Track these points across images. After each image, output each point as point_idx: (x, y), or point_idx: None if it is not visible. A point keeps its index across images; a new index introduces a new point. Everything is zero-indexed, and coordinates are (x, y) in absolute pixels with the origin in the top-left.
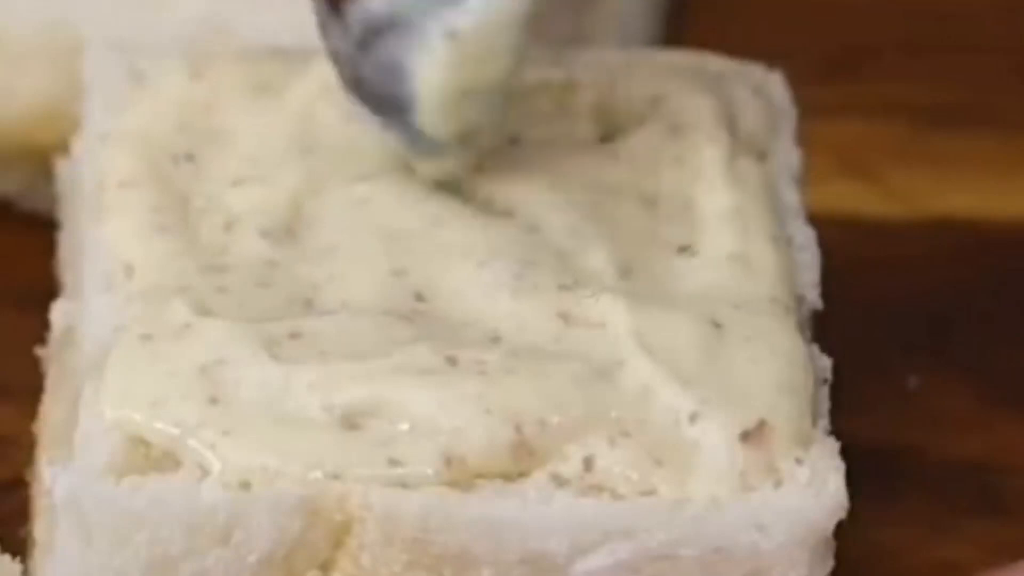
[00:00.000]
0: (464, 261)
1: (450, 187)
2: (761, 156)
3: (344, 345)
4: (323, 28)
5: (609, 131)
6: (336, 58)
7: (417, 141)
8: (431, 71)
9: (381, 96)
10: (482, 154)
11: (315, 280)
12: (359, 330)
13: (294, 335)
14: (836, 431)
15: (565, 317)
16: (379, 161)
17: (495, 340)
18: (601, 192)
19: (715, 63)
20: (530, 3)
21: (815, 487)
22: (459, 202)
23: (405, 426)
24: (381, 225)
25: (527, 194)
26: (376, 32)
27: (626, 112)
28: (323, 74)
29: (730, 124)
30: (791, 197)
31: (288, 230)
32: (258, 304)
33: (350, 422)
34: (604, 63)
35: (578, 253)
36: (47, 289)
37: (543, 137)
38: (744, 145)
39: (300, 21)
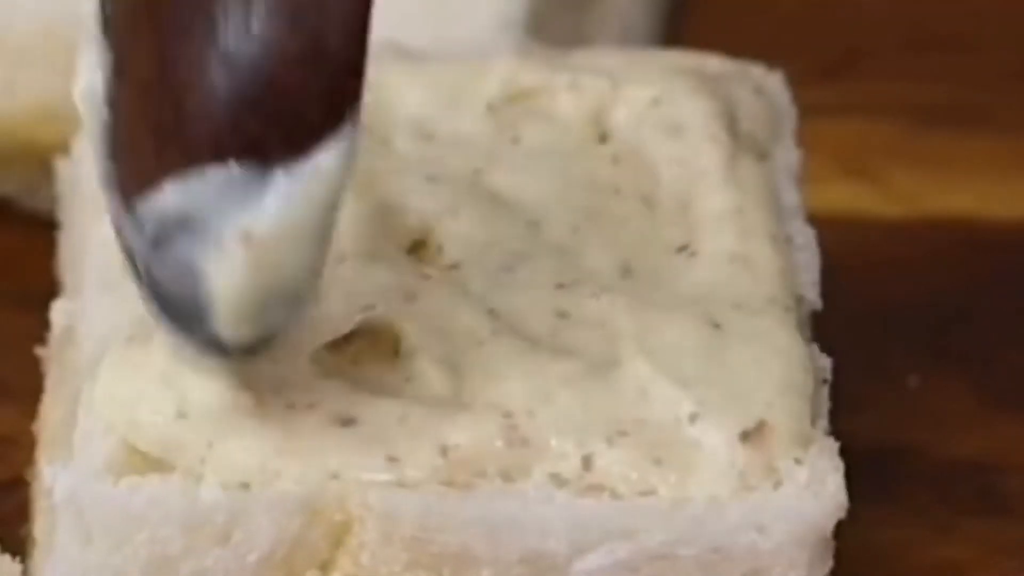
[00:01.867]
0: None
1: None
2: (761, 156)
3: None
4: (116, 224)
5: (609, 131)
6: (130, 256)
7: (212, 347)
8: (225, 276)
9: (176, 299)
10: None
11: None
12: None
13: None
14: (836, 431)
15: (563, 315)
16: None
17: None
18: (601, 192)
19: (715, 63)
20: (331, 202)
21: (814, 487)
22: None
23: (399, 417)
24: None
25: (528, 192)
26: (169, 231)
27: (626, 112)
28: None
29: (730, 124)
30: (791, 197)
31: None
32: None
33: (345, 419)
34: (604, 63)
35: (578, 252)
36: (47, 289)
37: (544, 137)
38: (744, 145)
39: None
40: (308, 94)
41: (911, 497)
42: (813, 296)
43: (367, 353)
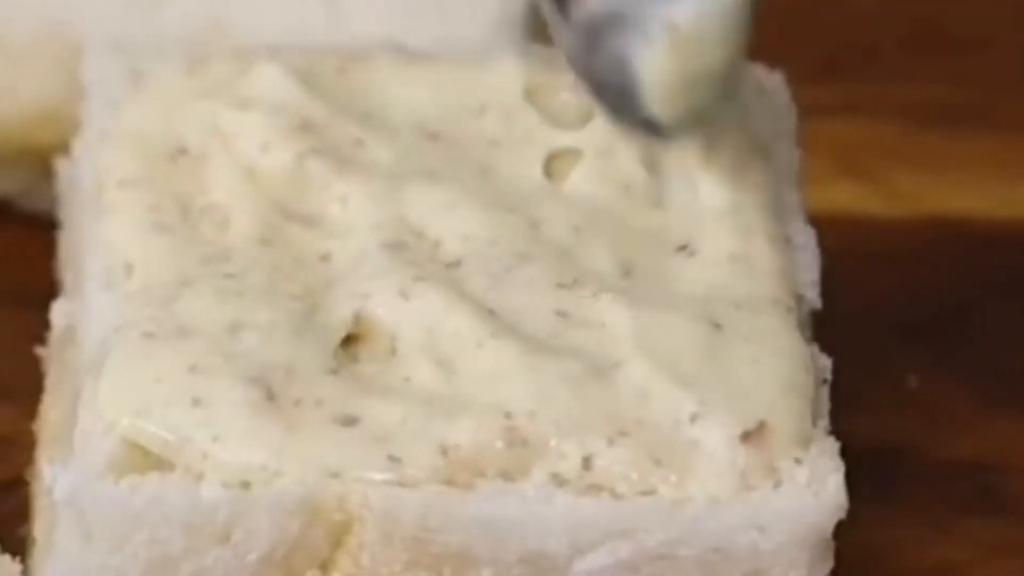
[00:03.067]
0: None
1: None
2: (765, 156)
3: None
4: (554, 30)
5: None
6: (568, 57)
7: (647, 127)
8: (654, 63)
9: (611, 88)
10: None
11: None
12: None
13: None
14: (836, 431)
15: (563, 315)
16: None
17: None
18: (602, 191)
19: None
20: None
21: (815, 487)
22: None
23: (400, 417)
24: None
25: (528, 192)
26: (600, 29)
27: None
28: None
29: (737, 122)
30: (791, 197)
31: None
32: (266, 287)
33: (346, 418)
34: None
35: (578, 252)
36: (47, 289)
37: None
38: (748, 144)
39: (300, 21)
40: None
41: (911, 497)
42: (813, 296)
43: (367, 352)
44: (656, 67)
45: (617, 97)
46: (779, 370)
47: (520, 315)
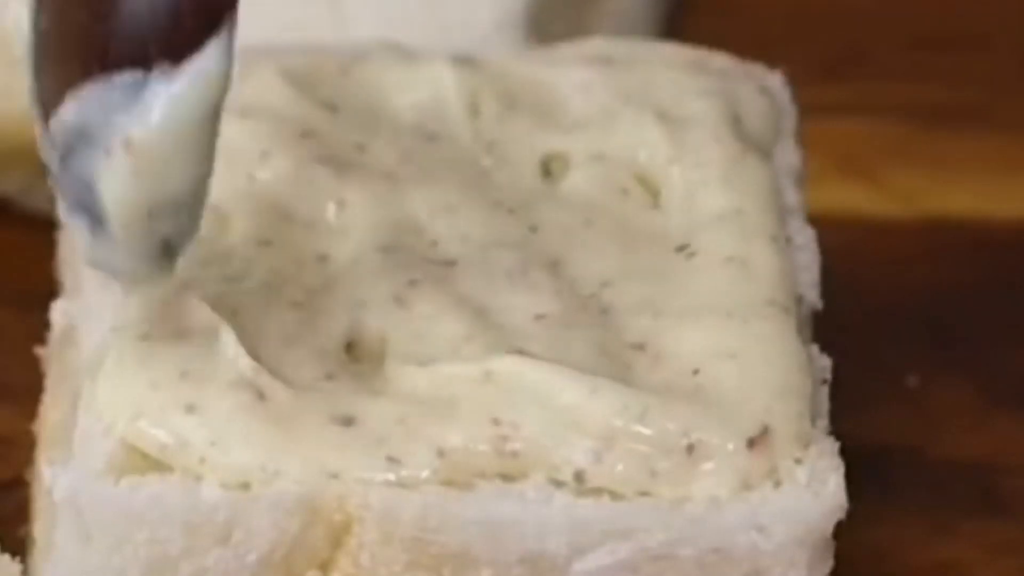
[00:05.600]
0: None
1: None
2: (764, 156)
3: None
4: (40, 145)
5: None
6: (50, 175)
7: (118, 257)
8: (113, 184)
9: (83, 210)
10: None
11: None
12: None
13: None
14: (836, 431)
15: (560, 318)
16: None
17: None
18: (601, 192)
19: (719, 60)
20: (210, 111)
21: (814, 487)
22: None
23: (399, 417)
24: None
25: (525, 194)
26: (71, 144)
27: (627, 109)
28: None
29: (734, 123)
30: (791, 197)
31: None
32: (266, 287)
33: (345, 419)
34: (606, 58)
35: (576, 253)
36: (47, 289)
37: None
38: (749, 144)
39: (300, 21)
40: (185, 4)
41: (911, 497)
42: (813, 296)
43: (365, 354)
44: (117, 186)
45: (90, 224)
46: (779, 373)
47: (517, 317)
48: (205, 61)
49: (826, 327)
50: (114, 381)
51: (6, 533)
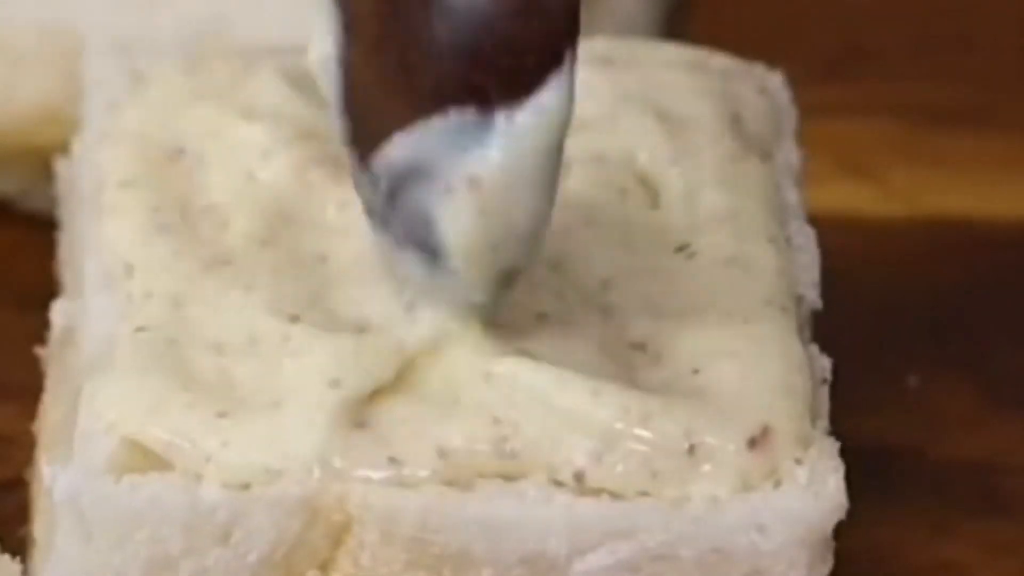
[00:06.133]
0: None
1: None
2: (764, 156)
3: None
4: (355, 182)
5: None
6: (370, 212)
7: (456, 288)
8: (456, 221)
9: (414, 246)
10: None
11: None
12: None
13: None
14: (836, 431)
15: (559, 319)
16: None
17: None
18: (601, 192)
19: (719, 60)
20: (554, 140)
21: (814, 487)
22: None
23: (400, 417)
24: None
25: None
26: (401, 183)
27: (627, 109)
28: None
29: (734, 123)
30: (791, 197)
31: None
32: (267, 286)
33: (353, 417)
34: (607, 57)
35: (575, 254)
36: (47, 289)
37: None
38: (749, 144)
39: (300, 21)
40: (528, 41)
41: (911, 497)
42: (813, 296)
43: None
44: (460, 223)
45: (421, 255)
46: (779, 373)
47: (514, 318)
48: (548, 97)
49: (826, 327)
50: (120, 379)
51: (6, 533)
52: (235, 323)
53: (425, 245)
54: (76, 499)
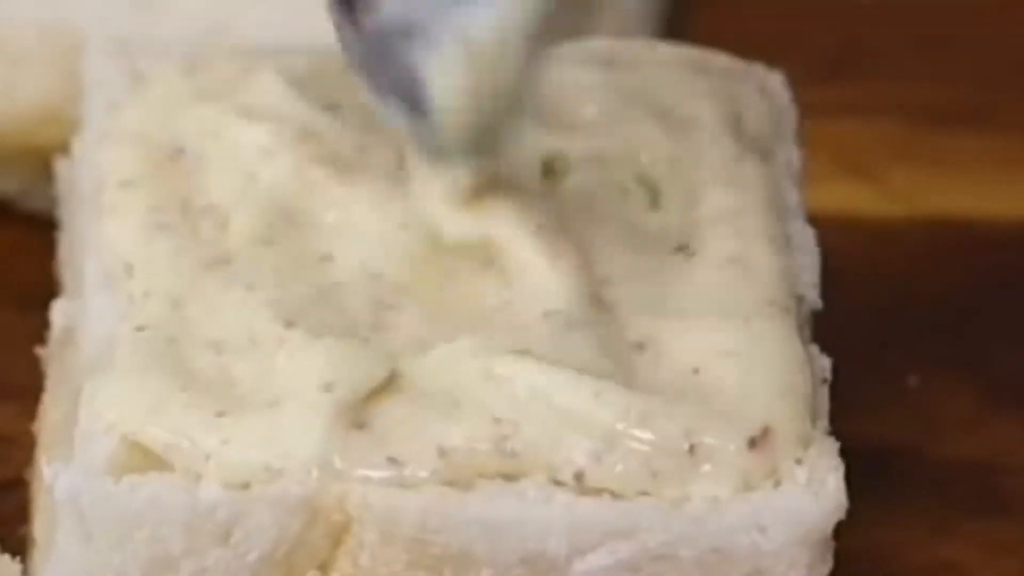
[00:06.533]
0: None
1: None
2: (765, 156)
3: (347, 324)
4: (341, 37)
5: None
6: (356, 66)
7: (437, 144)
8: (445, 77)
9: (401, 98)
10: (499, 164)
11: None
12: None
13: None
14: (836, 431)
15: (558, 319)
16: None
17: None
18: (601, 191)
19: (721, 61)
20: (543, 8)
21: (814, 487)
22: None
23: (400, 417)
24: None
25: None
26: (391, 37)
27: (628, 109)
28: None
29: (735, 123)
30: (792, 197)
31: (288, 217)
32: (267, 286)
33: (353, 417)
34: (607, 57)
35: (575, 255)
36: (47, 289)
37: None
38: (750, 144)
39: (300, 21)
40: None
41: (911, 497)
42: (813, 296)
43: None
44: (448, 81)
45: (408, 108)
46: (779, 374)
47: (515, 320)
48: None
49: (826, 327)
50: (121, 379)
51: (6, 533)
52: (234, 323)
53: (411, 98)
54: (76, 499)
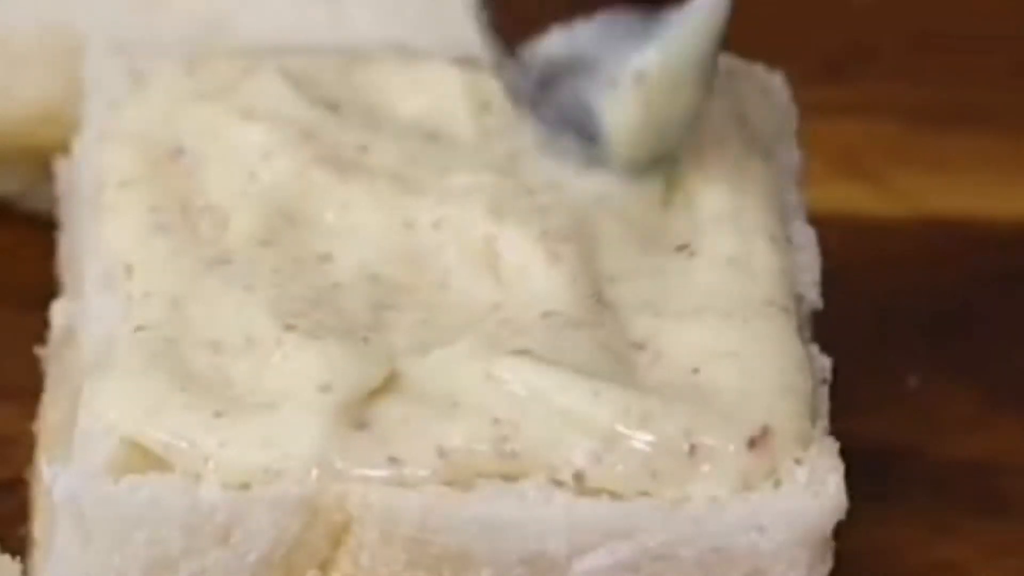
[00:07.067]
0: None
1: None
2: (765, 156)
3: (345, 323)
4: (499, 67)
5: None
6: (515, 96)
7: (607, 165)
8: (620, 112)
9: (572, 131)
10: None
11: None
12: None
13: (306, 315)
14: (836, 431)
15: (557, 320)
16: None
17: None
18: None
19: (723, 61)
20: (714, 37)
21: (814, 487)
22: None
23: (400, 417)
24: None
25: (528, 192)
26: (557, 73)
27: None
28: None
29: (738, 123)
30: (792, 197)
31: (289, 219)
32: (266, 287)
33: (352, 417)
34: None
35: (575, 255)
36: (47, 289)
37: None
38: (749, 144)
39: (300, 21)
40: None
41: (911, 497)
42: (813, 296)
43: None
44: (624, 115)
45: (576, 139)
46: (779, 374)
47: (515, 320)
48: None
49: (826, 327)
50: (121, 380)
51: (6, 533)
52: (234, 323)
53: (583, 130)
54: (76, 499)
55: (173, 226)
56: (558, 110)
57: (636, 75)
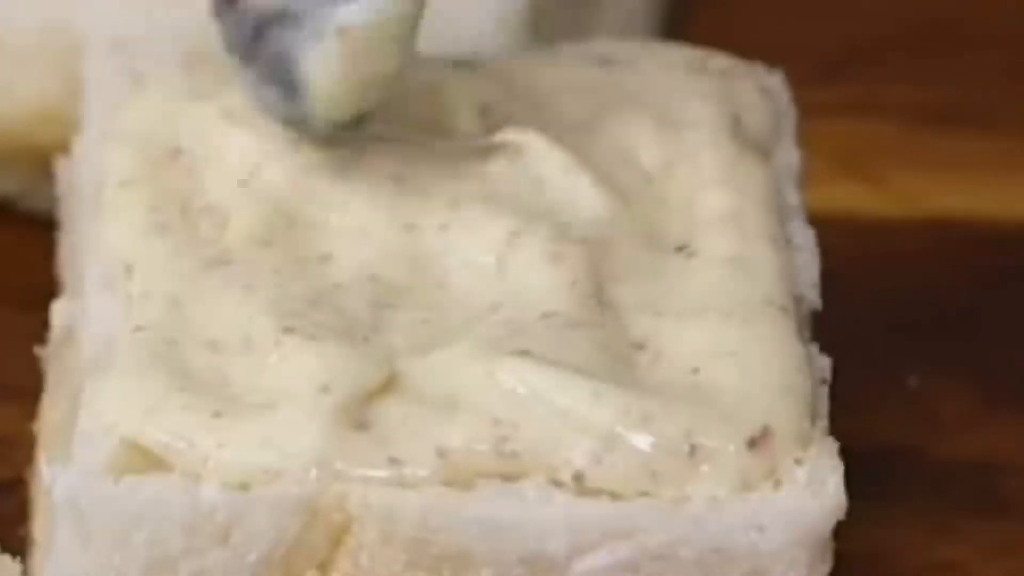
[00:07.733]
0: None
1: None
2: (764, 156)
3: (345, 327)
4: (217, 17)
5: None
6: (229, 46)
7: (308, 123)
8: (321, 65)
9: (274, 82)
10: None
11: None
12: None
13: (306, 316)
14: (836, 431)
15: (557, 320)
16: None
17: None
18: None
19: (719, 61)
20: (418, 4)
21: (814, 487)
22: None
23: (400, 417)
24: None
25: (527, 191)
26: (268, 24)
27: (627, 110)
28: None
29: (734, 123)
30: (791, 197)
31: (288, 219)
32: (266, 287)
33: (352, 418)
34: (607, 58)
35: (575, 256)
36: (47, 289)
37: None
38: (748, 145)
39: None
40: None
41: (911, 497)
42: (813, 296)
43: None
44: (325, 69)
45: (278, 93)
46: (778, 374)
47: (515, 320)
48: None
49: (826, 327)
50: (121, 380)
51: (6, 533)
52: (233, 323)
53: (286, 83)
54: (76, 499)
55: (173, 226)
56: (266, 62)
57: (339, 29)
